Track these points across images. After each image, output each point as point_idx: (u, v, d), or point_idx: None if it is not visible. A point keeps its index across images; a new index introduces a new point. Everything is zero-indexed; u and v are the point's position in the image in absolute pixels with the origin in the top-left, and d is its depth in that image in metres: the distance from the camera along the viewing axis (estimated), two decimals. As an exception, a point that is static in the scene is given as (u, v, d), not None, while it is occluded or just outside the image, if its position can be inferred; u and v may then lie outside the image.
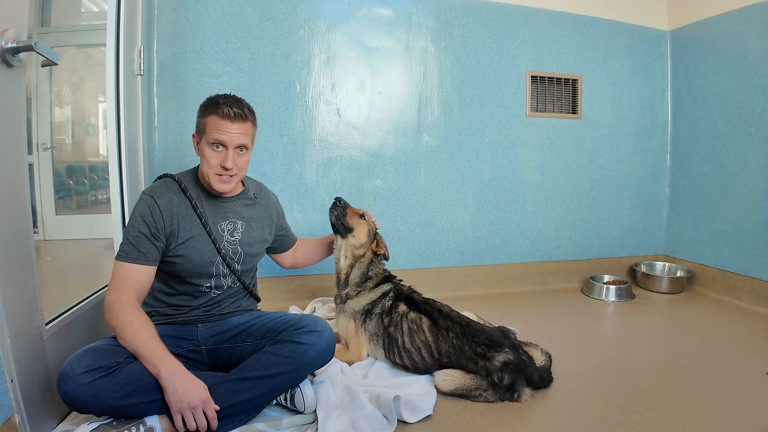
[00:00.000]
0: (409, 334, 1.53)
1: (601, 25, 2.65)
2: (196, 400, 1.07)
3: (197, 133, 1.31)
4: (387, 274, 1.71)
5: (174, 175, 1.35)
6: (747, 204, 2.36)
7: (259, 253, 1.48)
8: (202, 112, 1.29)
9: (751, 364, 1.64)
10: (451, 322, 1.52)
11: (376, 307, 1.60)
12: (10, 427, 1.02)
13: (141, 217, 1.24)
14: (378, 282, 1.66)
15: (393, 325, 1.56)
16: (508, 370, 1.39)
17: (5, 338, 0.99)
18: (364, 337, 1.59)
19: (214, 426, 1.10)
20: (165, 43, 2.02)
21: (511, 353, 1.42)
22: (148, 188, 1.32)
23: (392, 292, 1.64)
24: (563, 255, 2.72)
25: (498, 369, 1.39)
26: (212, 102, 1.28)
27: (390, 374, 1.54)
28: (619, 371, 1.61)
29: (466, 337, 1.47)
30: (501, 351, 1.42)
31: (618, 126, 2.75)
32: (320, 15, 2.22)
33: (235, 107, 1.26)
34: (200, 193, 1.35)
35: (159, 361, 1.09)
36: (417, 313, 1.57)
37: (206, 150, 1.26)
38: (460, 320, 1.54)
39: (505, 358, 1.40)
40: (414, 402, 1.31)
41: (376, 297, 1.62)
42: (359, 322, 1.60)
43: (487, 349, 1.43)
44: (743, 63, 2.34)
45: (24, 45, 0.99)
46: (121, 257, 1.22)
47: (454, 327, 1.51)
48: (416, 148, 2.42)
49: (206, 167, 1.28)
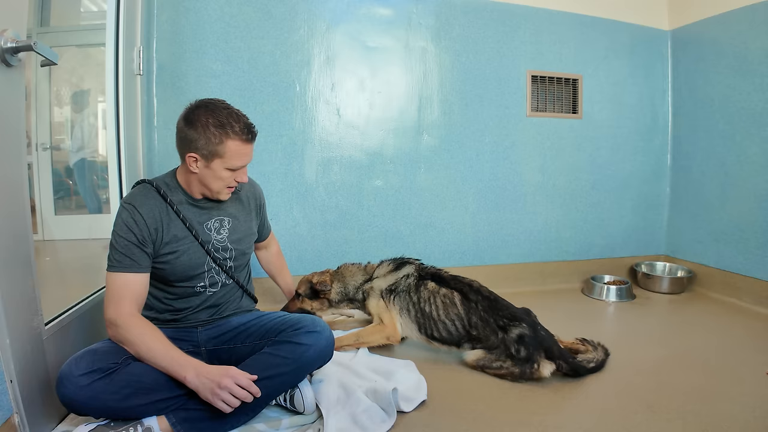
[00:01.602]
0: (444, 308, 1.67)
1: (602, 24, 2.65)
2: (223, 379, 1.07)
3: (204, 156, 1.20)
4: (399, 261, 1.83)
5: (152, 180, 1.31)
6: (748, 204, 2.36)
7: (249, 246, 1.47)
8: (216, 138, 1.18)
9: (751, 364, 1.63)
10: (480, 296, 1.67)
11: (400, 287, 1.73)
12: (10, 427, 1.02)
13: (126, 226, 1.20)
14: (390, 265, 1.80)
15: (425, 302, 1.69)
16: (523, 343, 1.52)
17: (4, 339, 0.99)
18: (395, 310, 1.71)
19: (255, 391, 1.09)
20: (164, 43, 2.02)
21: (528, 329, 1.54)
22: (127, 196, 1.28)
23: (415, 272, 1.77)
24: (563, 255, 2.72)
25: (514, 341, 1.53)
26: (222, 125, 1.18)
27: (370, 359, 1.65)
28: (619, 371, 1.61)
29: (492, 311, 1.62)
30: (519, 326, 1.55)
31: (618, 126, 2.74)
32: (320, 14, 2.22)
33: (249, 128, 1.23)
34: (182, 197, 1.31)
35: (181, 369, 1.10)
36: (448, 288, 1.70)
37: (222, 172, 1.23)
38: (488, 294, 1.69)
39: (520, 332, 1.54)
40: (409, 392, 1.37)
41: (398, 278, 1.75)
42: (387, 300, 1.72)
43: (508, 321, 1.58)
44: (744, 63, 2.34)
45: (23, 45, 0.99)
46: (113, 268, 1.19)
47: (483, 301, 1.66)
48: (416, 148, 2.42)
49: (216, 184, 1.26)
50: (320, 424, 1.23)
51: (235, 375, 1.09)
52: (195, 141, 1.20)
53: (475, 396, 1.44)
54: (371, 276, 1.80)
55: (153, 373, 1.12)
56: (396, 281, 1.73)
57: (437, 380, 1.51)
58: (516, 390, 1.51)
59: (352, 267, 1.85)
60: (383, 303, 1.71)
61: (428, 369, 1.58)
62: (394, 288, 1.72)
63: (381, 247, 2.40)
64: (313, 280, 1.77)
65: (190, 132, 1.20)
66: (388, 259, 1.87)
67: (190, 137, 1.20)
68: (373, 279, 1.77)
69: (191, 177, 1.27)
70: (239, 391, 1.08)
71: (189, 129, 1.20)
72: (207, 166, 1.22)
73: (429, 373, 1.53)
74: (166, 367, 1.11)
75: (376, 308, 1.71)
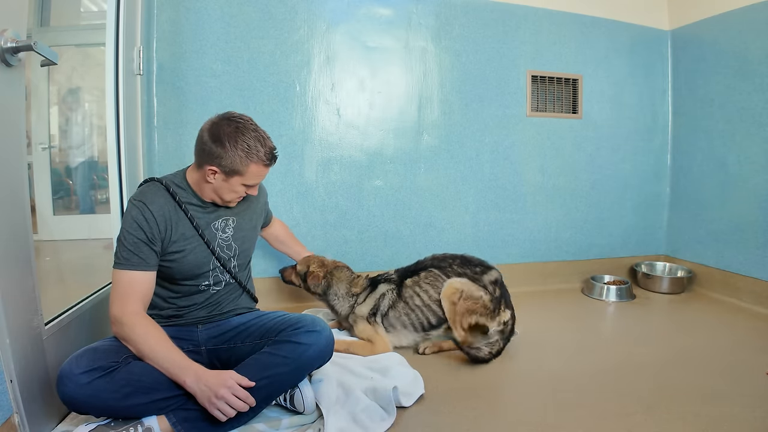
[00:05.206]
0: (432, 287, 1.77)
1: (602, 24, 2.65)
2: (221, 390, 1.08)
3: (225, 171, 1.23)
4: (372, 280, 1.87)
5: (161, 179, 1.31)
6: (748, 204, 2.36)
7: (252, 245, 1.48)
8: (242, 160, 1.21)
9: (751, 364, 1.63)
10: (451, 259, 1.84)
11: (380, 306, 1.78)
12: (10, 427, 1.02)
13: (136, 223, 1.21)
14: (367, 288, 1.83)
15: (414, 296, 1.77)
16: (497, 284, 1.78)
17: (4, 338, 0.99)
18: (382, 331, 1.76)
19: (251, 401, 1.11)
20: (164, 43, 2.02)
21: (499, 274, 1.82)
22: (137, 194, 1.27)
23: (390, 285, 1.82)
24: (563, 255, 2.72)
25: (491, 282, 1.78)
26: (249, 150, 1.21)
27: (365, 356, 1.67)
28: (619, 371, 1.61)
29: (466, 264, 1.83)
30: (491, 271, 1.82)
31: (618, 126, 2.74)
32: (320, 14, 2.22)
33: (272, 152, 1.27)
34: (190, 197, 1.32)
35: (181, 372, 1.10)
36: (424, 271, 1.81)
37: (237, 187, 1.27)
38: (455, 254, 1.87)
39: (495, 276, 1.81)
40: (407, 388, 1.38)
41: (377, 299, 1.79)
42: (372, 323, 1.77)
43: (483, 269, 1.82)
44: (744, 63, 2.34)
45: (23, 45, 0.99)
46: (120, 265, 1.19)
47: (454, 260, 1.84)
48: (416, 148, 2.42)
49: (229, 196, 1.29)
50: (320, 424, 1.23)
51: (233, 385, 1.10)
52: (219, 158, 1.21)
53: (475, 395, 1.44)
54: (355, 300, 1.81)
55: (153, 372, 1.12)
56: (375, 303, 1.78)
57: (437, 380, 1.52)
58: (516, 390, 1.51)
59: (343, 273, 1.85)
60: (369, 327, 1.76)
61: (428, 369, 1.58)
62: (375, 311, 1.77)
63: (381, 247, 2.40)
64: (311, 268, 1.82)
65: (216, 148, 1.21)
66: (364, 277, 1.89)
67: (216, 153, 1.21)
68: (356, 306, 1.80)
69: (205, 185, 1.28)
70: (236, 402, 1.09)
71: (215, 145, 1.21)
72: (225, 180, 1.25)
73: (429, 374, 1.52)
74: (167, 368, 1.11)
75: (364, 333, 1.75)
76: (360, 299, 1.81)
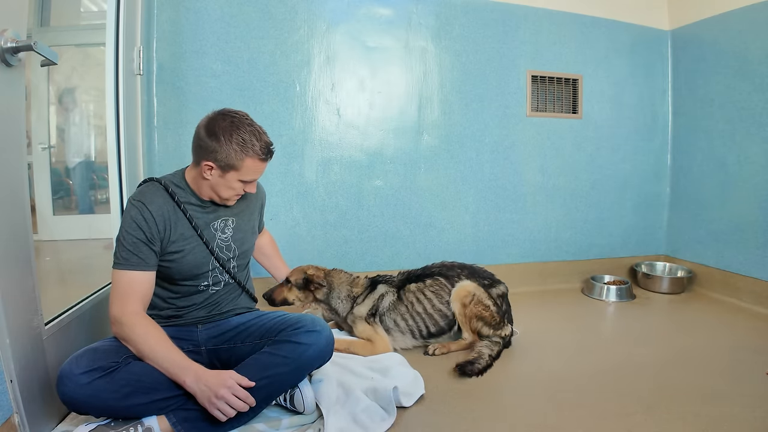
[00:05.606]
0: (436, 296, 1.78)
1: (602, 24, 2.65)
2: (220, 390, 1.08)
3: (221, 166, 1.22)
4: (372, 280, 1.86)
5: (160, 179, 1.31)
6: (747, 204, 2.36)
7: (251, 245, 1.48)
8: (237, 154, 1.21)
9: (751, 364, 1.63)
10: (459, 269, 1.84)
11: (380, 307, 1.77)
12: (10, 427, 1.02)
13: (135, 223, 1.20)
14: (367, 288, 1.83)
15: (416, 303, 1.77)
16: (504, 299, 1.81)
17: (4, 338, 0.99)
18: (382, 331, 1.76)
19: (251, 401, 1.11)
20: (164, 43, 2.02)
21: (506, 288, 1.85)
22: (136, 194, 1.27)
23: (390, 288, 1.81)
24: (563, 255, 2.72)
25: (498, 296, 1.79)
26: (244, 143, 1.21)
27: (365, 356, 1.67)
28: (619, 371, 1.61)
29: (474, 276, 1.82)
30: (499, 285, 1.84)
31: (618, 126, 2.74)
32: (320, 14, 2.22)
33: (268, 147, 1.26)
34: (189, 197, 1.32)
35: (181, 372, 1.11)
36: (430, 278, 1.81)
37: (234, 183, 1.26)
38: (463, 265, 1.87)
39: (503, 290, 1.83)
40: (408, 388, 1.39)
41: (375, 300, 1.79)
42: (372, 323, 1.76)
43: (491, 282, 1.83)
44: (744, 63, 2.34)
45: (23, 45, 0.99)
46: (120, 265, 1.19)
47: (463, 270, 1.83)
48: (416, 148, 2.42)
49: (227, 193, 1.28)
50: (320, 424, 1.23)
51: (233, 385, 1.10)
52: (215, 152, 1.21)
53: (475, 395, 1.44)
54: (354, 301, 1.80)
55: (153, 372, 1.12)
56: (374, 303, 1.78)
57: (437, 380, 1.52)
58: (515, 390, 1.51)
59: (342, 275, 1.85)
60: (369, 327, 1.75)
61: (428, 369, 1.58)
62: (374, 311, 1.77)
63: (381, 247, 2.40)
64: (309, 272, 1.78)
65: (212, 143, 1.21)
66: (364, 277, 1.88)
67: (211, 148, 1.21)
68: (355, 306, 1.79)
69: (202, 182, 1.28)
70: (236, 402, 1.09)
71: (210, 139, 1.21)
72: (221, 176, 1.25)
73: (429, 374, 1.53)
74: (167, 368, 1.11)
75: (364, 333, 1.75)
76: (359, 300, 1.81)
